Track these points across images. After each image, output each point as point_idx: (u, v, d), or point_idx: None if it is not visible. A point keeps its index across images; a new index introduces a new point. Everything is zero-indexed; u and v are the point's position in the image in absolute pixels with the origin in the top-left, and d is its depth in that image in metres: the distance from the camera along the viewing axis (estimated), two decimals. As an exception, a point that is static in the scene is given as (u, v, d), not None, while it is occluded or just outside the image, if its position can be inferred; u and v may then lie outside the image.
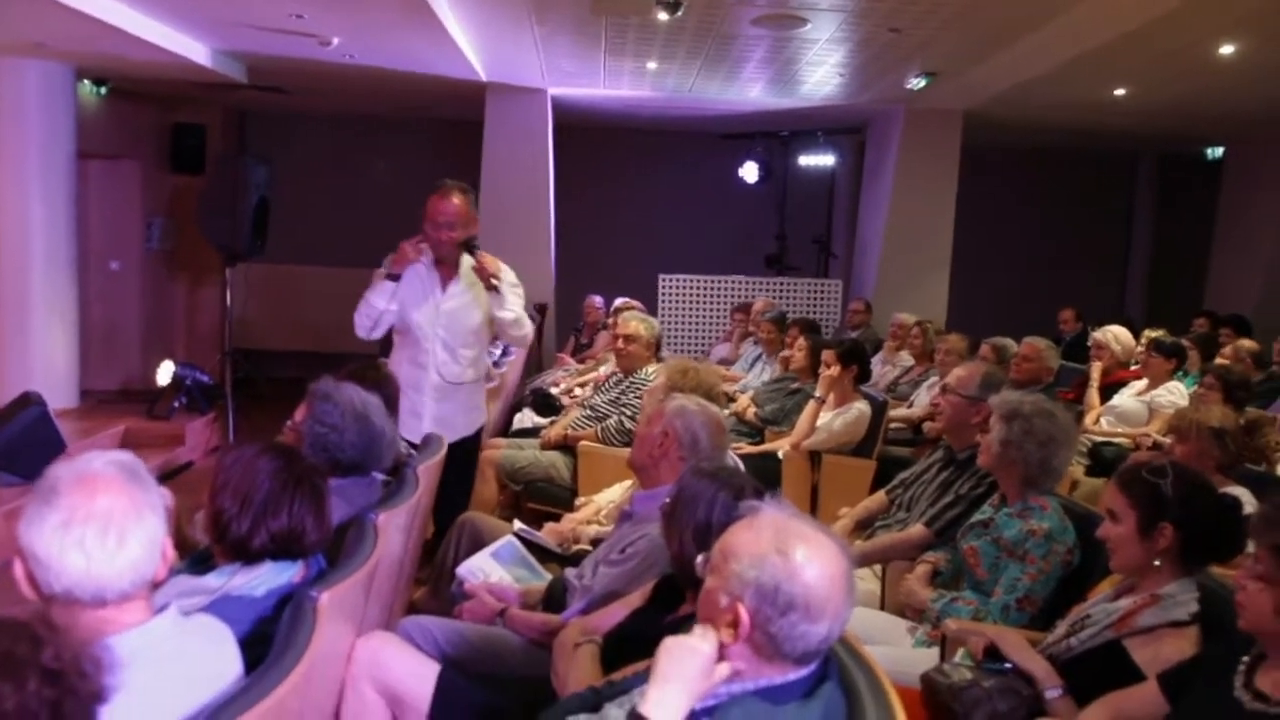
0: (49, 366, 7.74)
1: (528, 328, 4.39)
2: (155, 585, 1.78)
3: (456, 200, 4.14)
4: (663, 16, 5.96)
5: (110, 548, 1.63)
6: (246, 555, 2.25)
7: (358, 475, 3.01)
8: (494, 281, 4.13)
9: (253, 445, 2.41)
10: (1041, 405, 3.15)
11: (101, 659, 1.36)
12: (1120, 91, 8.27)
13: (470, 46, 7.58)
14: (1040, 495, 3.08)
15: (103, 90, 8.80)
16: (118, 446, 7.05)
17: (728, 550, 1.71)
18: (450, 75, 8.30)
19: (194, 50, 7.27)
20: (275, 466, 2.32)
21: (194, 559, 2.51)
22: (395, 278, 4.15)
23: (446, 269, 4.25)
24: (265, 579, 2.25)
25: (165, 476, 6.28)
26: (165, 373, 7.93)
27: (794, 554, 1.65)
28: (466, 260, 4.21)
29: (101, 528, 1.63)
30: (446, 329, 4.24)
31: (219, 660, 1.86)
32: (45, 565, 1.62)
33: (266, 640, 2.08)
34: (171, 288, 10.14)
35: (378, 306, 4.18)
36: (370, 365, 3.62)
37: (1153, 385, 5.89)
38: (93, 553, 1.62)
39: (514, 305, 4.23)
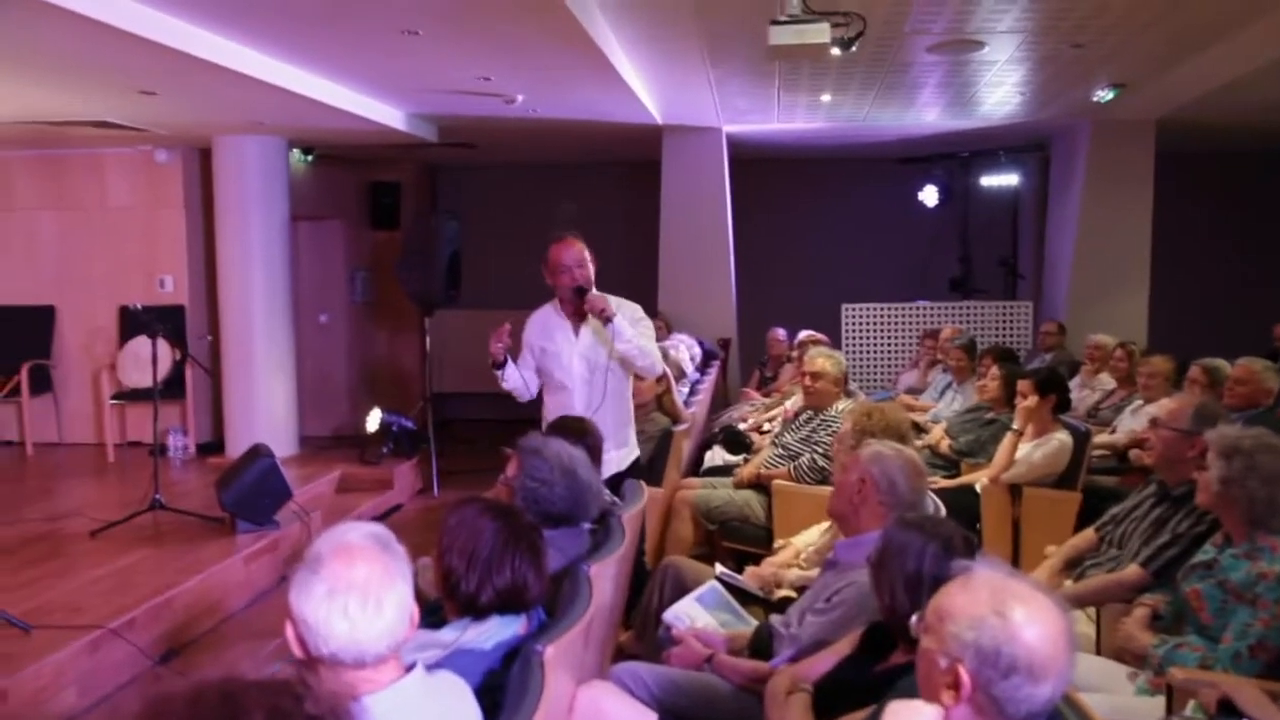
0: (271, 416, 8.37)
1: (653, 359, 4.48)
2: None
3: (575, 246, 4.37)
4: (836, 52, 5.97)
5: (370, 614, 1.79)
6: (475, 611, 2.40)
7: (567, 526, 3.14)
8: (608, 315, 4.26)
9: (474, 504, 2.55)
10: (1265, 440, 3.00)
11: (353, 709, 1.50)
12: (1334, 87, 7.74)
13: (646, 93, 7.79)
14: (1270, 535, 2.92)
15: (309, 157, 9.49)
16: (334, 492, 7.57)
17: (943, 611, 1.72)
18: (628, 120, 8.54)
19: (390, 116, 7.77)
20: (497, 526, 2.46)
21: (425, 610, 2.68)
22: (499, 366, 4.40)
23: (578, 315, 4.40)
24: (493, 633, 2.39)
25: (377, 519, 6.67)
26: (374, 420, 8.42)
27: (1013, 615, 1.65)
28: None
29: (362, 596, 1.79)
30: (587, 369, 4.38)
31: (462, 715, 2.00)
32: (314, 630, 1.79)
33: (495, 691, 2.21)
34: (374, 337, 10.77)
35: (506, 387, 4.49)
36: (574, 419, 3.77)
37: (1390, 403, 5.46)
38: (355, 619, 1.78)
39: (632, 337, 4.33)
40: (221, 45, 5.47)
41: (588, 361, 4.39)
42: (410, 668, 1.91)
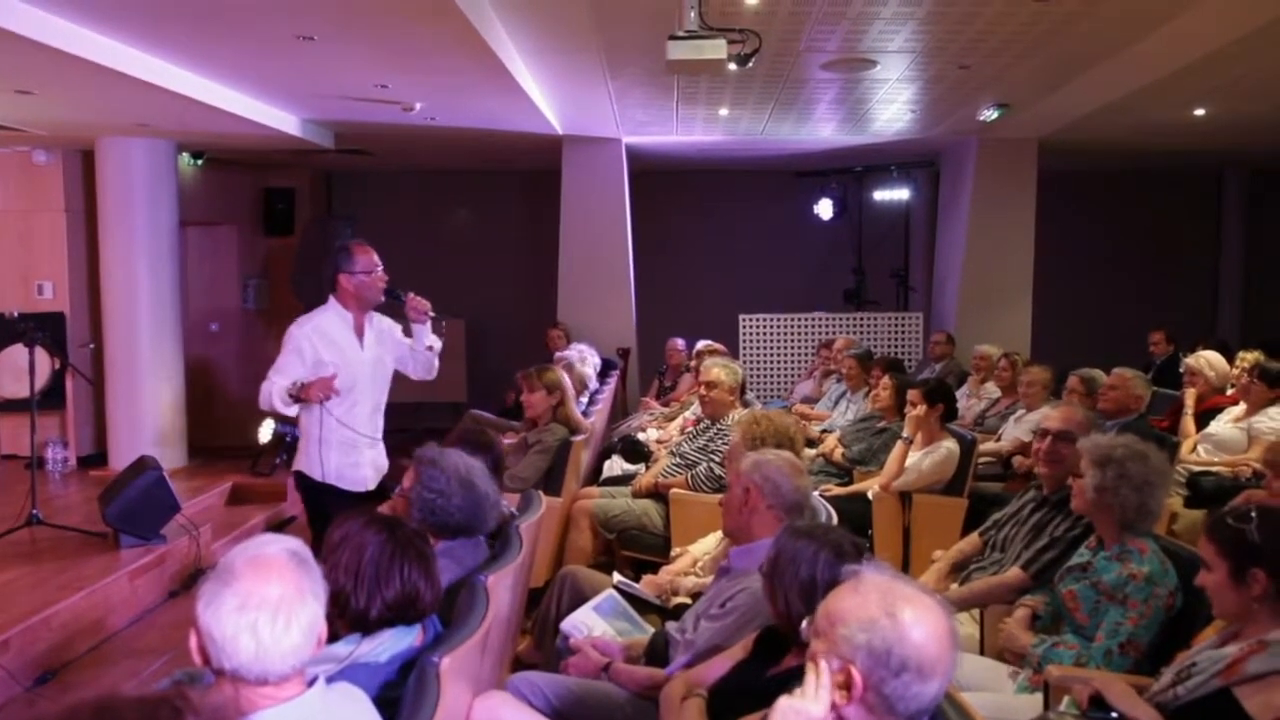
0: (158, 427, 8.11)
1: (437, 361, 4.52)
2: None
3: (374, 251, 4.30)
4: (733, 68, 6.08)
5: (278, 634, 1.76)
6: (366, 626, 2.37)
7: (465, 537, 3.13)
8: (430, 314, 4.31)
9: (356, 518, 2.52)
10: (1134, 448, 3.15)
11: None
12: (1200, 111, 8.16)
13: (546, 103, 7.80)
14: (1138, 538, 3.07)
15: (199, 161, 9.23)
16: (225, 504, 7.37)
17: (834, 615, 1.77)
18: (528, 130, 8.53)
19: (284, 121, 7.61)
20: (381, 538, 2.43)
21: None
22: (297, 400, 4.07)
23: (360, 324, 4.31)
24: (388, 645, 2.37)
25: (271, 529, 6.52)
26: (266, 430, 8.22)
27: (902, 616, 1.71)
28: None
29: (272, 614, 1.76)
30: (372, 381, 4.33)
31: (364, 725, 1.98)
32: (218, 645, 1.76)
33: (392, 704, 2.20)
34: (267, 345, 10.49)
35: (280, 410, 4.16)
36: (478, 430, 3.76)
37: (1251, 411, 5.76)
38: (262, 638, 1.75)
39: (433, 342, 4.40)
40: (105, 45, 5.29)
41: (373, 371, 4.33)
42: (312, 682, 1.88)
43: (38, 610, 4.83)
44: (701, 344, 8.46)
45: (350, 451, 4.23)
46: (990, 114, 8.20)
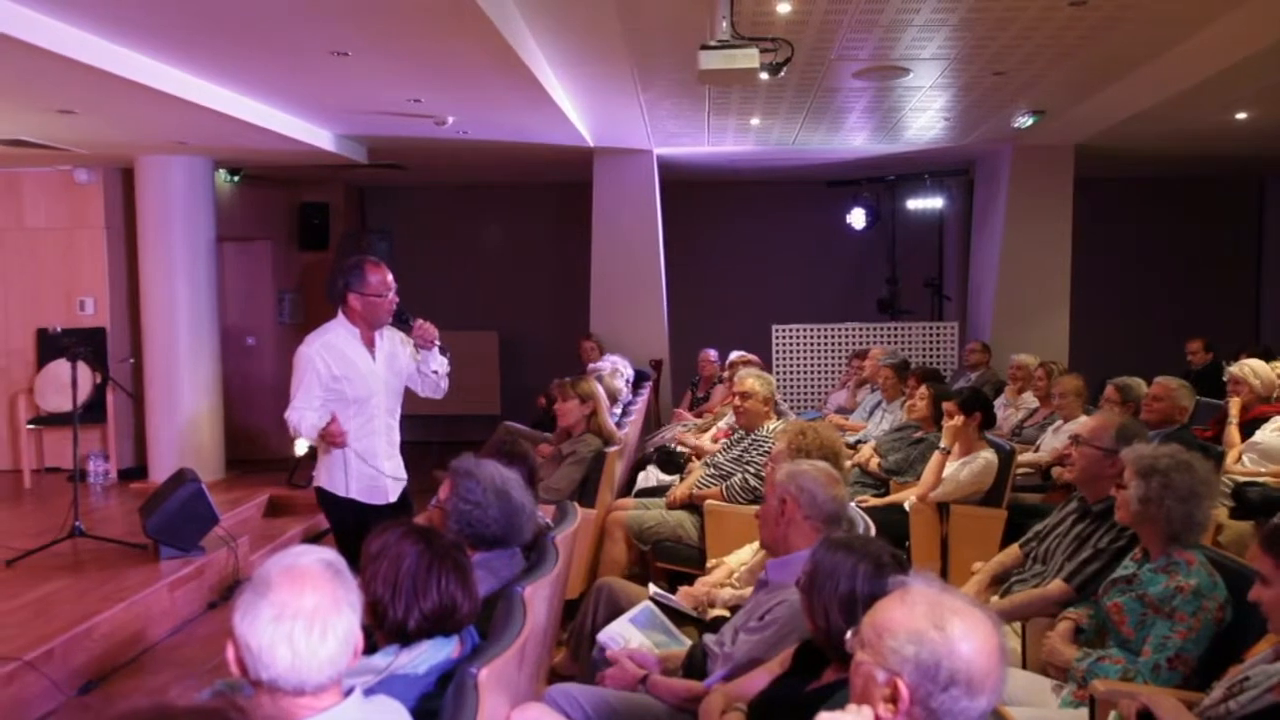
0: (197, 440, 8.20)
1: (446, 382, 4.51)
2: None
3: (389, 271, 4.27)
4: (765, 77, 6.07)
5: (314, 644, 1.77)
6: (405, 637, 2.37)
7: (501, 548, 3.12)
8: (438, 343, 4.32)
9: (394, 530, 2.52)
10: (1179, 458, 3.09)
11: None
12: (1242, 115, 8.04)
13: (577, 115, 7.82)
14: (1185, 549, 3.01)
15: (235, 178, 9.34)
16: (262, 516, 7.42)
17: (881, 626, 1.74)
18: (559, 143, 8.55)
19: (319, 137, 7.69)
20: (418, 549, 2.43)
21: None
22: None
23: (369, 338, 4.27)
24: (426, 657, 2.36)
25: (307, 541, 6.55)
26: (302, 443, 8.25)
27: (952, 629, 1.67)
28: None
29: (308, 624, 1.77)
30: (386, 393, 4.31)
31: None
32: (255, 655, 1.77)
33: (430, 715, 2.19)
34: (303, 359, 10.58)
35: (304, 437, 4.25)
36: (513, 441, 3.76)
37: (1297, 420, 5.66)
38: (299, 648, 1.76)
39: (439, 366, 4.40)
40: (146, 65, 5.37)
41: (387, 385, 4.31)
42: (348, 693, 1.89)
43: (80, 621, 4.88)
44: (734, 355, 8.44)
45: (369, 465, 4.25)
46: (1025, 121, 8.13)
